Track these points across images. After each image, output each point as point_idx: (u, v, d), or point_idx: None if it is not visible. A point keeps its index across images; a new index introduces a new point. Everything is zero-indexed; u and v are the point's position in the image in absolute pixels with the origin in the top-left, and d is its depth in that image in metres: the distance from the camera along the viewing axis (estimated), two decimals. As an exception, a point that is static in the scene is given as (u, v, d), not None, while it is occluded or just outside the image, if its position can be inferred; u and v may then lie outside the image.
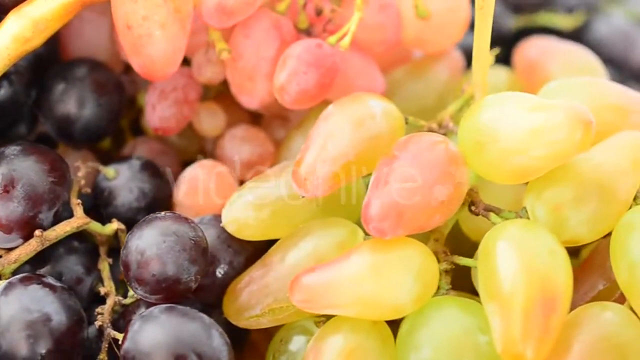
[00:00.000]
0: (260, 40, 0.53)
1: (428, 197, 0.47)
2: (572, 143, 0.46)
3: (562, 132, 0.46)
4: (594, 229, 0.48)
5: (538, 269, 0.45)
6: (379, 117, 0.50)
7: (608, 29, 0.69)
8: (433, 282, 0.47)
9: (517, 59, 0.60)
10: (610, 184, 0.48)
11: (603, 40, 0.69)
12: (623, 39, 0.68)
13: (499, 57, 0.68)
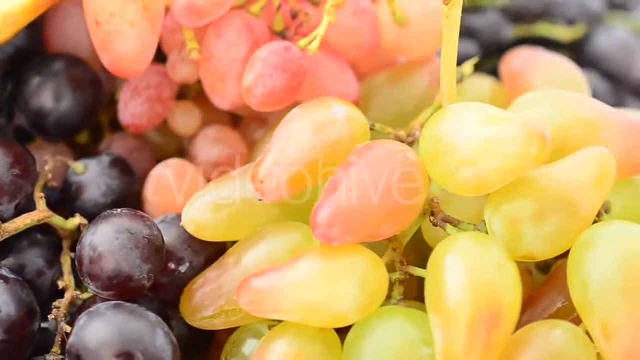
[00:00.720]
0: (232, 41, 0.53)
1: (378, 206, 0.46)
2: (526, 156, 0.45)
3: (516, 144, 0.45)
4: (551, 246, 0.47)
5: (484, 283, 0.44)
6: (341, 122, 0.49)
7: (608, 42, 0.67)
8: (380, 292, 0.46)
9: (503, 68, 0.59)
10: (571, 200, 0.47)
11: (603, 53, 0.67)
12: (623, 53, 0.67)
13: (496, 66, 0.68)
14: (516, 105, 0.52)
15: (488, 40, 0.68)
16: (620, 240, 0.45)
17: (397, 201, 0.46)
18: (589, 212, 0.47)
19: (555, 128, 0.50)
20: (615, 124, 0.50)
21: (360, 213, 0.46)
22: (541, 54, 0.58)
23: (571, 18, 0.68)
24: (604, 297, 0.44)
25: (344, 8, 0.53)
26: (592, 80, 0.66)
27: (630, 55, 0.67)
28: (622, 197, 0.52)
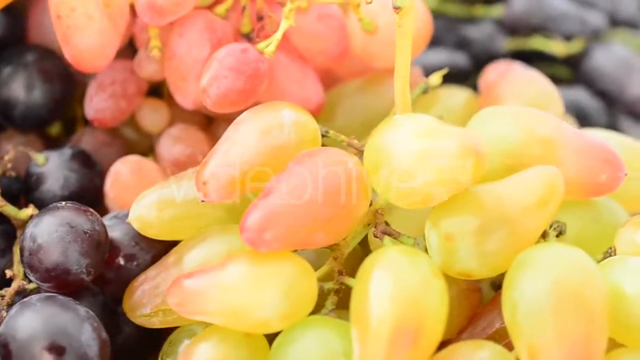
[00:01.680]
0: (193, 41, 0.53)
1: (311, 214, 0.45)
2: (461, 171, 0.44)
3: (450, 159, 0.44)
4: (488, 265, 0.46)
5: (407, 298, 0.43)
6: (288, 127, 0.49)
7: (604, 59, 0.65)
8: (307, 300, 0.46)
9: (480, 81, 0.58)
10: (512, 219, 0.45)
11: (598, 70, 0.65)
12: (619, 71, 0.65)
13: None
14: (476, 119, 0.50)
15: (480, 52, 0.66)
16: (554, 262, 0.44)
17: (331, 210, 0.46)
18: (532, 232, 0.46)
19: (513, 145, 0.49)
20: (573, 143, 0.49)
21: (290, 220, 0.45)
22: (517, 68, 0.57)
23: (570, 33, 0.66)
24: (533, 320, 0.43)
25: (309, 13, 0.53)
26: (585, 98, 0.65)
27: (626, 74, 0.65)
28: (579, 220, 0.51)
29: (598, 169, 0.49)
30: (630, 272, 0.46)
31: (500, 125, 0.49)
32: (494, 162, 0.49)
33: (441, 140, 0.44)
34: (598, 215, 0.51)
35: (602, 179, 0.49)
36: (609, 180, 0.49)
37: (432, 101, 0.57)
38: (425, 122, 0.46)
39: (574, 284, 0.43)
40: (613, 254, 0.49)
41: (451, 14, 0.67)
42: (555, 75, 0.67)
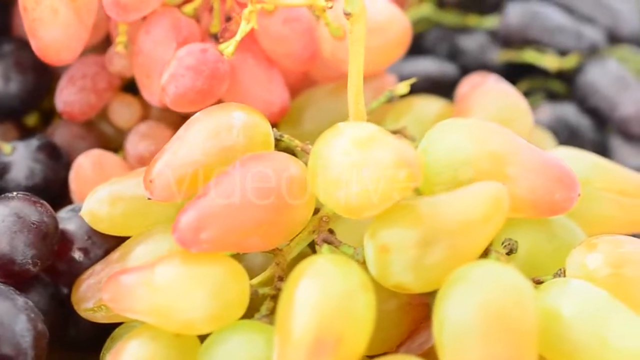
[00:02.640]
0: (159, 39, 0.53)
1: (244, 217, 0.45)
2: (394, 183, 0.43)
3: (382, 170, 0.43)
4: (423, 279, 0.45)
5: (328, 308, 0.42)
6: (237, 129, 0.48)
7: (596, 76, 0.64)
8: (237, 304, 0.45)
9: (456, 92, 0.57)
10: (451, 234, 0.44)
11: (590, 87, 0.64)
12: (610, 89, 0.63)
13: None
14: (432, 131, 0.49)
15: (471, 62, 0.65)
16: (485, 282, 0.43)
17: (266, 215, 0.45)
18: (471, 249, 0.45)
19: (464, 159, 0.48)
20: (526, 160, 0.48)
21: (223, 222, 0.45)
22: (490, 81, 0.55)
23: (565, 47, 0.64)
24: (457, 339, 0.42)
25: (275, 15, 0.53)
26: (574, 115, 0.63)
27: (619, 92, 0.63)
28: (533, 238, 0.49)
29: (550, 187, 0.47)
30: (569, 295, 0.45)
31: (454, 138, 0.48)
32: (446, 175, 0.48)
33: (376, 151, 0.44)
34: (553, 235, 0.50)
35: (555, 198, 0.48)
36: (562, 200, 0.48)
37: (404, 110, 0.57)
38: (365, 131, 0.45)
39: (503, 305, 0.42)
40: (562, 276, 0.48)
41: (445, 24, 0.66)
42: (550, 90, 0.66)
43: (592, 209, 0.52)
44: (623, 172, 0.53)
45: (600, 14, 0.65)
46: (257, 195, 0.45)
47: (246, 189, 0.45)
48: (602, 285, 0.46)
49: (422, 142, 0.50)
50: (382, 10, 0.55)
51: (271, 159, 0.47)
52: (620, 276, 0.46)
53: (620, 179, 0.53)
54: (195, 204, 0.45)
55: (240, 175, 0.46)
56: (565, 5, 0.66)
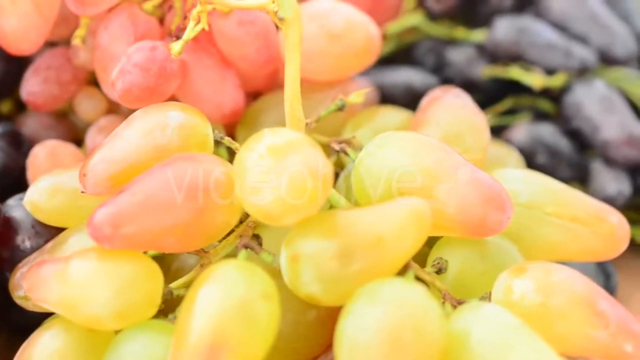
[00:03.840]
0: (115, 34, 0.53)
1: (160, 217, 0.45)
2: (303, 192, 0.43)
3: (293, 179, 0.43)
4: (332, 292, 0.44)
5: (222, 314, 0.42)
6: (172, 129, 0.48)
7: (583, 98, 0.61)
8: (146, 303, 0.45)
9: (422, 103, 0.56)
10: (363, 248, 0.44)
11: (574, 107, 0.62)
12: (594, 111, 0.61)
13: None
14: (369, 144, 0.49)
15: (455, 75, 0.64)
16: (389, 300, 0.42)
17: (183, 216, 0.45)
18: (386, 264, 0.44)
19: (400, 173, 0.47)
20: (457, 179, 0.46)
21: (138, 220, 0.45)
22: (449, 95, 0.54)
23: (553, 66, 0.62)
24: (353, 358, 0.41)
25: (230, 17, 0.52)
26: (553, 136, 0.61)
27: (602, 115, 0.60)
28: (466, 259, 0.48)
29: (480, 208, 0.46)
30: (479, 320, 0.43)
31: (389, 152, 0.48)
32: (379, 188, 0.48)
33: (287, 159, 0.43)
34: (487, 256, 0.48)
35: (484, 219, 0.46)
36: (491, 221, 0.46)
37: (365, 119, 0.56)
38: (283, 138, 0.44)
39: (402, 325, 0.41)
40: (488, 299, 0.46)
41: (433, 35, 0.65)
42: (537, 108, 0.64)
43: (539, 234, 0.50)
44: (578, 198, 0.51)
45: (595, 34, 0.63)
46: (174, 196, 0.45)
47: (165, 188, 0.45)
48: (523, 312, 0.45)
49: (359, 153, 0.49)
50: (344, 17, 0.54)
51: (196, 160, 0.46)
52: (543, 305, 0.45)
53: (574, 205, 0.51)
54: (112, 200, 0.45)
55: (161, 174, 0.46)
56: (558, 23, 0.64)
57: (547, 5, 0.64)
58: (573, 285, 0.45)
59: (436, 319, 0.42)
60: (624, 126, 0.60)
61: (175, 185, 0.45)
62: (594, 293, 0.45)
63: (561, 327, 0.45)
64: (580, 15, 0.64)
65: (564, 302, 0.45)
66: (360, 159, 0.49)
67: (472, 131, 0.52)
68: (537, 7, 0.65)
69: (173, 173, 0.46)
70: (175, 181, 0.45)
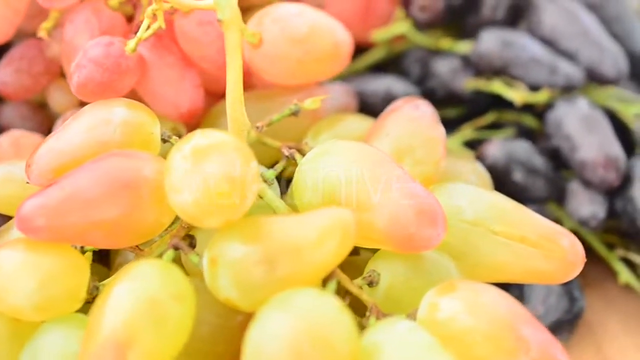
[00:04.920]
0: (78, 28, 0.54)
1: (87, 212, 0.45)
2: (219, 196, 0.43)
3: (206, 182, 0.43)
4: (249, 298, 0.44)
5: (128, 313, 0.42)
6: (115, 125, 0.48)
7: (564, 116, 0.60)
8: (69, 297, 0.45)
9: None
10: (281, 255, 0.43)
11: (556, 126, 0.60)
12: (576, 131, 0.59)
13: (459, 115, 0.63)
14: (312, 151, 0.49)
15: (438, 86, 0.63)
16: (297, 310, 0.42)
17: (109, 212, 0.45)
18: (305, 273, 0.44)
19: (332, 182, 0.47)
20: (390, 191, 0.46)
21: (64, 213, 0.45)
22: (408, 106, 0.53)
23: (537, 81, 0.61)
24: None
25: (190, 17, 0.52)
26: (529, 153, 0.60)
27: (582, 134, 0.59)
28: (400, 273, 0.47)
29: (411, 222, 0.45)
30: (392, 336, 0.43)
31: (327, 160, 0.47)
32: (315, 196, 0.47)
33: (207, 162, 0.43)
34: (422, 272, 0.47)
35: (415, 234, 0.45)
36: (422, 237, 0.45)
37: (327, 126, 0.55)
38: (209, 140, 0.44)
39: (304, 335, 0.41)
40: (414, 316, 0.46)
41: (419, 45, 0.64)
42: (522, 124, 0.63)
43: (483, 253, 0.49)
44: (529, 218, 0.50)
45: (584, 51, 0.61)
46: (102, 192, 0.45)
47: (94, 183, 0.45)
48: (444, 331, 0.44)
49: (301, 160, 0.49)
50: (308, 22, 0.53)
51: (129, 156, 0.46)
52: (465, 326, 0.44)
53: (523, 225, 0.49)
54: (41, 192, 0.46)
55: (92, 169, 0.46)
56: (548, 38, 0.62)
57: (538, 20, 0.63)
58: (497, 308, 0.44)
59: (345, 333, 0.42)
60: (602, 147, 0.58)
61: (104, 181, 0.45)
62: (518, 317, 0.44)
63: (481, 350, 0.44)
64: (570, 32, 0.62)
65: (485, 325, 0.44)
66: (300, 166, 0.48)
67: (424, 144, 0.51)
68: (529, 21, 0.63)
69: (103, 169, 0.46)
70: (104, 177, 0.45)
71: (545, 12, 0.63)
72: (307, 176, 0.47)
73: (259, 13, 0.54)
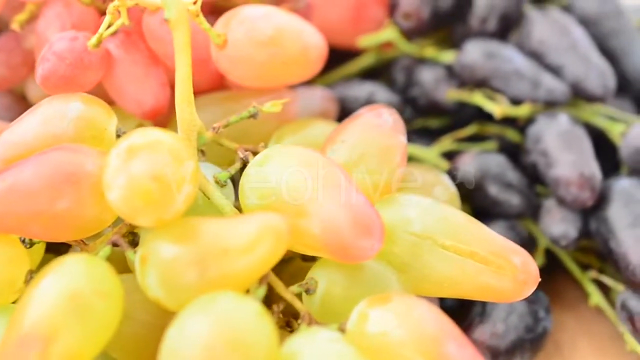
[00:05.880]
0: (49, 21, 0.54)
1: (25, 204, 0.45)
2: (146, 195, 0.43)
3: (133, 180, 0.43)
4: (174, 298, 0.44)
5: (47, 307, 0.43)
6: (69, 120, 0.49)
7: (543, 131, 0.58)
8: (5, 287, 0.46)
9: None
10: (207, 258, 0.43)
11: (534, 141, 0.59)
12: (553, 147, 0.58)
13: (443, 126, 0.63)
14: (258, 156, 0.48)
15: (420, 96, 0.62)
16: (215, 312, 0.42)
17: (47, 206, 0.45)
18: (232, 277, 0.44)
19: (269, 186, 0.47)
20: (329, 199, 0.45)
21: (2, 205, 0.45)
22: (373, 113, 0.52)
23: (519, 95, 0.60)
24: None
25: (155, 15, 0.52)
26: (503, 167, 0.59)
27: (559, 151, 0.57)
28: (336, 282, 0.47)
29: (346, 232, 0.45)
30: (311, 346, 0.43)
31: (269, 166, 0.47)
32: (255, 200, 0.47)
33: (136, 160, 0.43)
34: (361, 282, 0.47)
35: (350, 244, 0.45)
36: (357, 247, 0.45)
37: (293, 130, 0.55)
38: (145, 139, 0.44)
39: (218, 339, 0.41)
40: (344, 326, 0.45)
41: (405, 53, 0.63)
42: (504, 137, 0.62)
43: (430, 266, 0.48)
44: (481, 234, 0.49)
45: (570, 66, 0.60)
46: (43, 184, 0.46)
47: (34, 176, 0.46)
48: (369, 343, 0.44)
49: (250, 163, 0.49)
50: (275, 25, 0.53)
51: (73, 151, 0.47)
52: (389, 339, 0.43)
53: (474, 241, 0.48)
54: (-16, 184, 0.46)
55: (34, 162, 0.46)
56: (536, 52, 0.61)
57: (527, 32, 0.62)
58: (424, 323, 0.43)
59: (262, 339, 0.42)
60: (577, 165, 0.57)
61: (45, 174, 0.46)
62: (444, 333, 0.43)
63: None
64: (558, 45, 0.61)
65: (410, 339, 0.43)
66: (246, 170, 0.48)
67: (380, 153, 0.50)
68: (519, 33, 0.62)
69: (46, 162, 0.46)
70: (46, 170, 0.46)
71: (535, 24, 0.62)
72: (249, 180, 0.47)
73: (227, 14, 0.53)
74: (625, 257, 0.55)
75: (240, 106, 0.55)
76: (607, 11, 0.64)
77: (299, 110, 0.58)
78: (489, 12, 0.62)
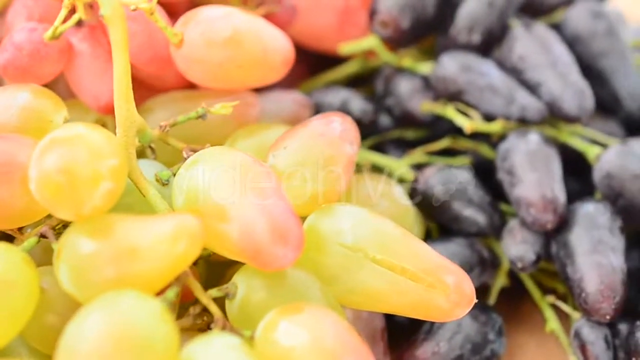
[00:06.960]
0: (17, 13, 0.55)
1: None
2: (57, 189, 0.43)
3: (38, 174, 0.43)
4: (84, 295, 0.44)
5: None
6: (14, 110, 0.50)
7: (511, 149, 0.57)
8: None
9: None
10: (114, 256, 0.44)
11: (502, 158, 0.57)
12: (518, 166, 0.56)
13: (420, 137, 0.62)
14: (191, 157, 0.49)
15: (394, 106, 0.61)
16: (113, 310, 0.42)
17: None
18: (140, 277, 0.44)
19: (197, 189, 0.47)
20: (250, 204, 0.45)
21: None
22: (322, 120, 0.52)
23: (493, 111, 0.59)
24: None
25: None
26: (467, 182, 0.58)
27: (523, 170, 0.56)
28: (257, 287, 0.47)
29: (263, 238, 0.44)
30: (207, 352, 0.42)
31: (196, 168, 0.47)
32: (178, 201, 0.47)
33: (49, 155, 0.44)
34: (279, 290, 0.46)
35: (266, 251, 0.45)
36: (273, 255, 0.44)
37: (250, 133, 0.55)
38: (67, 134, 0.45)
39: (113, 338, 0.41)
40: (254, 335, 0.45)
41: (384, 62, 0.62)
42: (479, 153, 0.60)
43: (358, 280, 0.48)
44: (416, 250, 0.48)
45: (549, 84, 0.58)
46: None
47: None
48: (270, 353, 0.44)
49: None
50: (233, 27, 0.53)
51: (9, 140, 0.47)
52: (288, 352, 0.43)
53: (407, 257, 0.48)
54: None
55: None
56: (515, 68, 0.60)
57: (509, 48, 0.60)
58: (325, 338, 0.43)
59: (160, 341, 0.42)
60: (541, 186, 0.55)
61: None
62: (345, 349, 0.43)
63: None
64: (538, 62, 0.59)
65: (308, 353, 0.42)
66: (179, 170, 0.48)
67: (318, 161, 0.50)
68: (501, 48, 0.61)
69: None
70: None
71: (517, 40, 0.60)
72: (179, 181, 0.47)
73: (188, 13, 0.54)
74: (580, 283, 0.54)
75: (197, 106, 0.55)
76: (599, 30, 0.62)
77: (264, 114, 0.58)
78: (471, 24, 0.61)
